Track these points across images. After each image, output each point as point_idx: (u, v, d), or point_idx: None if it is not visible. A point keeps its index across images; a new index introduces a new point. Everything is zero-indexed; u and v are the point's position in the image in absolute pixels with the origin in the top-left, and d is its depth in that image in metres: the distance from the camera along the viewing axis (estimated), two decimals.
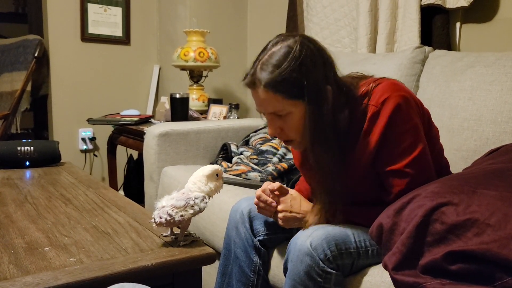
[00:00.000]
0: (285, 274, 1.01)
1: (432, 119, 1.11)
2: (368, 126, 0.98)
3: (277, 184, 1.10)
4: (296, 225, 1.08)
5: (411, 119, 0.98)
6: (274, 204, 1.09)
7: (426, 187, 0.88)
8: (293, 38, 0.96)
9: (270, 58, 0.95)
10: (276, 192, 1.10)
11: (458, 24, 1.80)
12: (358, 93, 1.02)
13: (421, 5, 1.78)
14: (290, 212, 1.08)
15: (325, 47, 1.00)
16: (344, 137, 1.01)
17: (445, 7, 1.74)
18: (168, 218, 0.94)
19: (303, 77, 0.93)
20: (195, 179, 1.00)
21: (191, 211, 0.95)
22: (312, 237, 0.95)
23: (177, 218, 0.94)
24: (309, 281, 0.94)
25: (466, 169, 1.07)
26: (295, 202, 1.09)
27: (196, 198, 0.96)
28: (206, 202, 0.98)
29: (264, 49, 0.98)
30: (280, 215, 1.09)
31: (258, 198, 1.10)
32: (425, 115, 1.06)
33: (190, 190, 0.99)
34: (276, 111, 0.97)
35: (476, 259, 0.73)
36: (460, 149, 1.37)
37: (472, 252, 0.73)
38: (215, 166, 1.03)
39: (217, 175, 1.02)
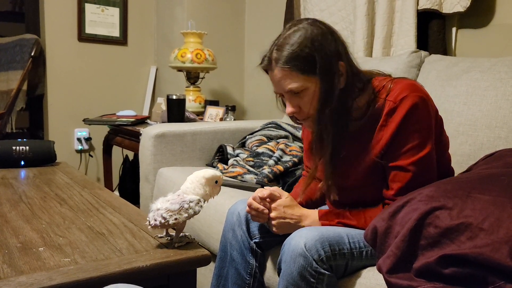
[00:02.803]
0: (279, 275, 1.01)
1: None
2: (384, 120, 1.02)
3: (267, 191, 1.11)
4: (290, 230, 1.08)
5: (425, 120, 1.01)
6: (266, 211, 1.10)
7: (420, 190, 0.89)
8: (306, 21, 1.03)
9: (284, 40, 1.01)
10: (268, 199, 1.10)
11: (454, 29, 1.81)
12: (374, 83, 1.06)
13: (417, 10, 1.79)
14: (284, 218, 1.09)
15: (338, 31, 1.05)
16: (355, 125, 1.05)
17: (441, 12, 1.75)
18: (163, 221, 0.94)
19: (315, 52, 0.98)
20: (194, 179, 1.00)
21: (186, 215, 0.95)
22: (306, 238, 0.96)
23: (171, 221, 0.94)
24: (301, 281, 0.94)
25: (461, 174, 1.08)
26: (288, 208, 1.10)
27: (191, 202, 0.96)
28: (201, 206, 0.98)
29: (280, 35, 1.04)
30: (273, 222, 1.09)
31: (249, 206, 1.11)
32: (437, 121, 1.08)
33: (185, 192, 0.98)
34: (293, 88, 1.01)
35: (469, 263, 0.73)
36: (455, 154, 1.38)
37: (465, 256, 0.73)
38: (217, 173, 1.02)
39: (216, 181, 1.02)
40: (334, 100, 1.00)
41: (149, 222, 0.95)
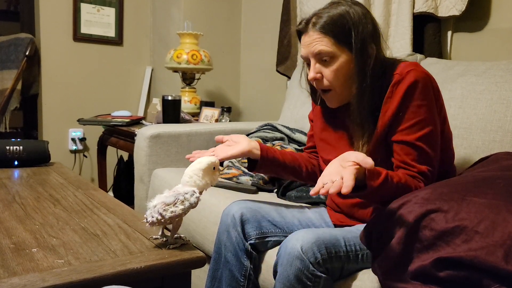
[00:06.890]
0: (274, 278, 1.01)
1: None
2: (390, 92, 1.05)
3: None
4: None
5: (428, 97, 1.03)
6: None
7: (416, 193, 0.89)
8: (349, 0, 1.08)
9: (324, 10, 1.07)
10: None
11: (449, 33, 1.82)
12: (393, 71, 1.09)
13: (413, 13, 1.80)
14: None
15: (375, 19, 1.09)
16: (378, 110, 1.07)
17: (437, 15, 1.76)
18: (159, 217, 0.93)
19: (353, 25, 1.03)
20: (191, 173, 0.98)
21: (182, 207, 0.94)
22: (303, 241, 0.96)
23: (167, 215, 0.93)
24: (298, 284, 0.94)
25: (457, 176, 1.09)
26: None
27: (186, 193, 0.95)
28: (197, 197, 0.96)
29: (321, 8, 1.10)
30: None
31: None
32: (441, 106, 1.10)
33: (184, 186, 0.97)
34: (322, 52, 1.04)
35: (464, 266, 0.73)
36: None
37: (460, 259, 0.73)
38: (212, 159, 1.00)
39: (213, 168, 1.01)
40: (367, 78, 1.03)
41: (147, 219, 0.95)
